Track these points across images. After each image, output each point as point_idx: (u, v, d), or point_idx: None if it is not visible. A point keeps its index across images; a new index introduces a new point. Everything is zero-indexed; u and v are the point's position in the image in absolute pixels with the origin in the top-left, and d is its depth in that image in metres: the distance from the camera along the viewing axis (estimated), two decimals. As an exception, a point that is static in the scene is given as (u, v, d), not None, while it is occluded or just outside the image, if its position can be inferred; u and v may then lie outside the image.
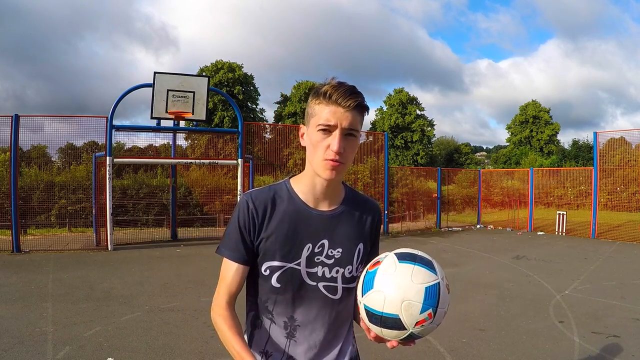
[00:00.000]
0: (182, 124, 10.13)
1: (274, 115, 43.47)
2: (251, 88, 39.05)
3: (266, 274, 1.14)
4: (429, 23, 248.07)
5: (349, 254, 1.18)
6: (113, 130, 9.23)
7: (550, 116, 45.87)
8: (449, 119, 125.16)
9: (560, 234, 13.03)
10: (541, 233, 13.25)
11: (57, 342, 3.83)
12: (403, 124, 44.17)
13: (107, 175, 9.00)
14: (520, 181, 16.74)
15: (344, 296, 1.19)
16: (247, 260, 1.15)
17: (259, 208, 1.15)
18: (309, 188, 1.17)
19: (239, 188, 10.04)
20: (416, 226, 14.39)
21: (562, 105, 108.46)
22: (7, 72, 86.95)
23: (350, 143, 1.10)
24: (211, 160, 10.59)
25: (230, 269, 1.14)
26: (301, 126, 1.19)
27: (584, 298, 5.61)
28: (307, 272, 1.14)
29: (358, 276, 1.17)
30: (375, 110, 47.17)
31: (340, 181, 1.20)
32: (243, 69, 38.02)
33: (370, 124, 47.90)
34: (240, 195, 10.14)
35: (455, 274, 7.12)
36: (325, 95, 1.08)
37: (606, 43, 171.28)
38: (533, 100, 46.76)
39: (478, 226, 15.33)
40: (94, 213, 10.09)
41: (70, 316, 4.57)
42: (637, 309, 5.10)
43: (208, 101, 9.85)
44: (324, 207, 1.19)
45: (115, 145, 10.59)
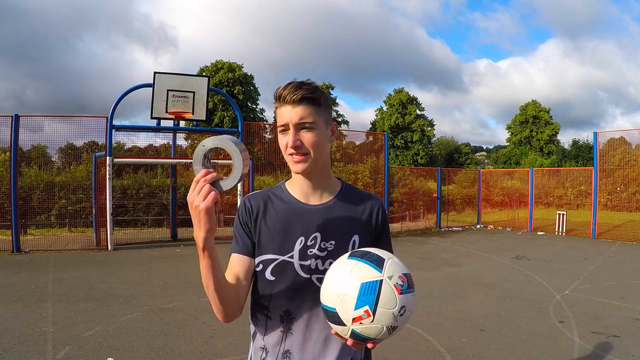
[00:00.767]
0: (182, 124, 10.14)
1: (273, 115, 43.24)
2: (251, 88, 39.11)
3: (259, 268, 1.17)
4: (427, 22, 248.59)
5: (343, 246, 1.18)
6: (113, 130, 9.24)
7: (550, 116, 45.89)
8: (449, 119, 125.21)
9: (560, 234, 13.04)
10: (541, 233, 13.26)
11: (57, 342, 3.83)
12: (403, 124, 44.20)
13: (107, 175, 9.01)
14: (520, 181, 16.75)
15: None
16: (252, 252, 1.19)
17: (254, 206, 1.22)
18: (298, 186, 1.23)
19: (239, 188, 10.04)
20: (416, 226, 14.39)
21: (562, 105, 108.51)
22: (7, 72, 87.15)
23: (307, 135, 1.13)
24: (211, 160, 10.56)
25: (234, 259, 1.18)
26: None
27: (584, 298, 5.61)
28: (300, 265, 1.16)
29: None
30: (375, 110, 47.25)
31: (321, 173, 1.21)
32: (243, 69, 38.07)
33: (370, 123, 47.99)
34: (240, 196, 10.18)
35: (455, 274, 7.13)
36: (278, 99, 1.13)
37: (606, 42, 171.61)
38: (533, 100, 46.79)
39: (478, 226, 15.33)
40: (94, 213, 10.10)
41: (70, 316, 4.58)
42: (637, 309, 5.10)
43: (208, 101, 9.86)
44: (316, 201, 1.22)
45: (115, 145, 10.59)
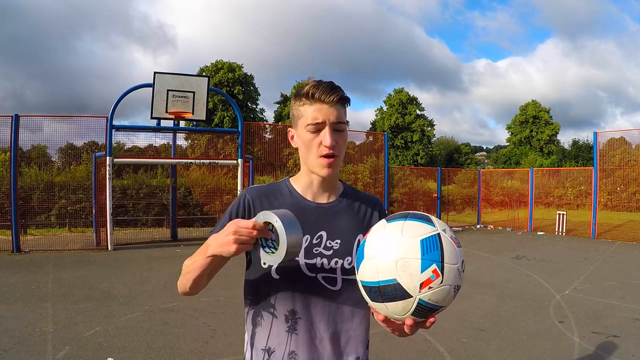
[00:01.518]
0: (182, 124, 10.13)
1: (273, 115, 43.53)
2: (251, 88, 39.08)
3: (265, 266, 1.15)
4: (426, 21, 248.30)
5: (348, 245, 1.18)
6: (113, 130, 9.23)
7: (550, 116, 45.86)
8: (448, 119, 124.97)
9: (560, 234, 13.03)
10: (541, 233, 13.25)
11: (57, 342, 3.83)
12: (403, 124, 44.17)
13: (107, 175, 9.00)
14: (520, 181, 16.74)
15: (344, 288, 1.17)
16: None
17: (255, 199, 1.19)
18: (307, 185, 1.21)
19: (239, 188, 10.03)
20: (416, 226, 14.36)
21: (562, 105, 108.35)
22: (7, 72, 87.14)
23: (340, 136, 1.14)
24: (211, 160, 10.58)
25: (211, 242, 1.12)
26: (290, 129, 1.23)
27: (584, 298, 5.61)
28: (306, 263, 1.15)
29: None
30: (375, 110, 47.23)
31: (337, 175, 1.23)
32: (243, 69, 38.06)
33: (370, 124, 47.96)
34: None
35: (455, 274, 7.12)
36: (308, 95, 1.12)
37: (605, 42, 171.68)
38: (533, 100, 46.76)
39: (478, 226, 15.33)
40: (94, 213, 10.10)
41: (70, 316, 4.58)
42: (637, 309, 5.10)
43: (208, 101, 9.86)
44: (322, 200, 1.22)
45: (115, 145, 10.59)
